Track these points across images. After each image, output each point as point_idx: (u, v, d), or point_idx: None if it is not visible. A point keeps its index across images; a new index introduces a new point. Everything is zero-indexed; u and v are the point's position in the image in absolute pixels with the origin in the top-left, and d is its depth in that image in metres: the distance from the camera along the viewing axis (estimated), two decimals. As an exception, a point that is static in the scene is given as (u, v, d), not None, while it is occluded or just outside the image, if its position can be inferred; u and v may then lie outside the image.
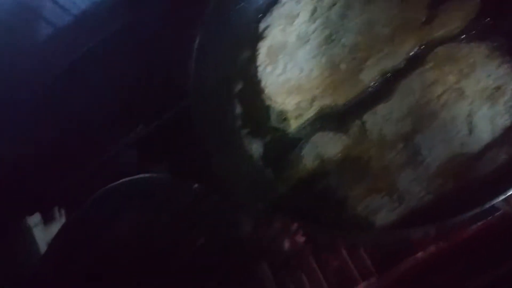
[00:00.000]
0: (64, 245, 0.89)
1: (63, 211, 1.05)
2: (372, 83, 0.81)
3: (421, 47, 0.80)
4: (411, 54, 0.80)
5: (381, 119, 0.78)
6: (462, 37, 0.77)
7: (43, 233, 1.02)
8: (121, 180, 0.88)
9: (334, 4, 0.91)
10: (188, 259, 0.82)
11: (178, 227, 0.85)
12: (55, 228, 1.03)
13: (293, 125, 0.86)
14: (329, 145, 0.80)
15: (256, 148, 0.86)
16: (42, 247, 1.01)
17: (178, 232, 0.85)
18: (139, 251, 0.85)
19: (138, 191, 0.88)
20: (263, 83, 0.91)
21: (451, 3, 0.81)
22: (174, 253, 0.83)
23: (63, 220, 1.04)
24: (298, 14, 0.92)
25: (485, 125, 0.70)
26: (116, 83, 1.17)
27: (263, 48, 0.94)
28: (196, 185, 0.82)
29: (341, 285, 0.82)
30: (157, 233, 0.86)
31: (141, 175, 0.88)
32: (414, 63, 0.79)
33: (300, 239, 0.96)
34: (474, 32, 0.77)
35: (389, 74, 0.80)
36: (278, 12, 0.95)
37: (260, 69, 0.93)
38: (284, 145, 0.85)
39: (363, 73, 0.82)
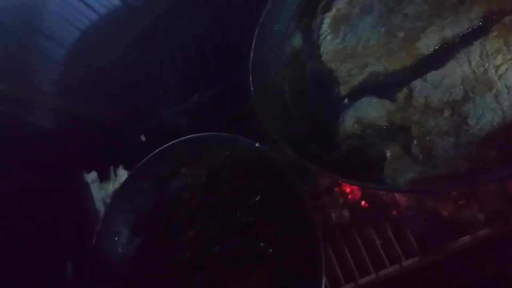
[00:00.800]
0: (129, 193, 0.94)
1: (118, 171, 1.17)
2: (428, 51, 0.79)
3: (487, 16, 0.75)
4: (475, 23, 0.76)
5: (430, 86, 0.74)
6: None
7: (98, 189, 1.15)
8: (188, 136, 0.93)
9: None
10: (245, 215, 0.85)
11: (239, 183, 0.89)
12: (110, 186, 1.15)
13: (342, 90, 0.88)
14: (372, 110, 0.80)
15: (305, 110, 0.90)
16: (98, 202, 1.13)
17: (239, 188, 0.88)
18: (199, 204, 0.91)
19: (204, 147, 0.92)
20: (321, 50, 0.96)
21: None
22: (233, 208, 0.87)
23: (118, 179, 1.15)
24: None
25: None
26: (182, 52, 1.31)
27: (327, 19, 0.98)
28: (257, 144, 0.85)
29: (383, 261, 0.83)
30: (219, 188, 0.90)
31: (207, 133, 0.92)
32: (477, 32, 0.75)
33: (346, 213, 0.96)
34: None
35: (449, 43, 0.77)
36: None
37: (321, 38, 0.97)
38: (331, 109, 0.87)
39: (421, 41, 0.80)
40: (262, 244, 0.81)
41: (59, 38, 1.21)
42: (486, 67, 0.71)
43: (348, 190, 0.98)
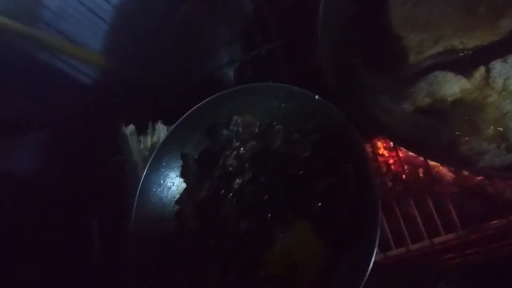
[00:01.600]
0: (178, 139, 0.91)
1: (157, 125, 1.15)
2: (510, 31, 0.80)
3: None
4: None
5: (510, 68, 0.77)
6: None
7: (137, 142, 1.13)
8: (241, 86, 0.90)
9: None
10: (297, 167, 0.86)
11: (294, 136, 0.89)
12: (148, 139, 1.13)
13: (411, 59, 0.89)
14: (445, 85, 0.82)
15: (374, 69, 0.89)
16: (136, 154, 1.11)
17: (293, 140, 0.89)
18: (249, 153, 0.90)
19: (258, 97, 0.90)
20: (390, 13, 0.94)
21: None
22: (285, 159, 0.87)
23: (157, 133, 1.13)
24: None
25: None
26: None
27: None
28: (317, 96, 0.84)
29: (422, 233, 0.88)
30: (272, 139, 0.90)
31: (262, 83, 0.90)
32: None
33: (388, 184, 1.02)
34: None
35: None
36: None
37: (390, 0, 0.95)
38: (397, 79, 0.88)
39: (504, 20, 0.80)
40: (311, 197, 0.83)
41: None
42: None
43: (391, 160, 1.04)
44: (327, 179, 0.84)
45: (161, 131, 1.21)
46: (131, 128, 1.18)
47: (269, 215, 0.84)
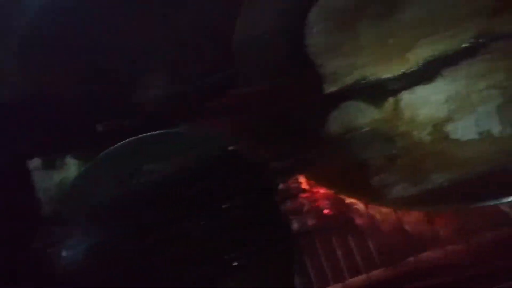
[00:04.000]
0: (83, 188, 0.89)
1: (66, 159, 1.05)
2: (417, 63, 0.83)
3: (480, 38, 0.80)
4: (467, 42, 0.80)
5: (417, 101, 0.80)
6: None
7: (42, 178, 1.03)
8: (154, 132, 0.88)
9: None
10: (214, 218, 0.84)
11: (208, 184, 0.85)
12: (56, 175, 1.02)
13: (327, 88, 0.91)
14: (357, 115, 0.83)
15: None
16: (41, 191, 1.00)
17: (208, 189, 0.85)
18: (162, 204, 0.86)
19: (171, 144, 0.88)
20: (307, 41, 0.97)
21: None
22: (201, 210, 0.84)
23: (66, 168, 1.03)
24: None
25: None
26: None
27: (316, 7, 0.98)
28: (231, 147, 0.83)
29: (342, 273, 0.87)
30: (186, 188, 0.86)
31: (175, 129, 0.89)
32: (467, 52, 0.80)
33: (311, 221, 1.03)
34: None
35: (438, 58, 0.82)
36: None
37: (307, 27, 0.98)
38: (315, 106, 0.88)
39: (412, 52, 0.83)
40: (230, 249, 0.81)
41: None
42: (470, 89, 0.77)
43: (313, 197, 1.06)
44: (247, 229, 0.82)
45: (72, 165, 1.14)
46: (36, 161, 1.11)
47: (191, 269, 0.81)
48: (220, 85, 1.06)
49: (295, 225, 1.00)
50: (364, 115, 0.83)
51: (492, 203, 0.64)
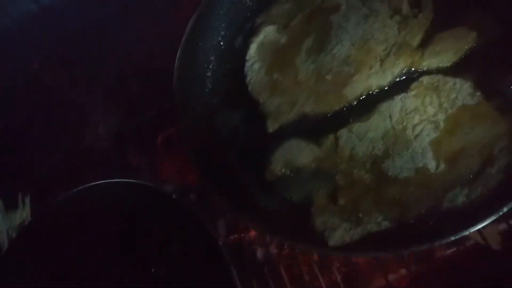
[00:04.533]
0: (28, 242, 0.87)
1: (26, 199, 1.07)
2: (354, 100, 0.83)
3: (409, 73, 0.82)
4: (398, 77, 0.82)
5: (355, 138, 0.79)
6: (450, 70, 0.80)
7: (3, 219, 1.03)
8: (98, 182, 0.88)
9: (333, 12, 0.96)
10: (159, 267, 0.83)
11: (151, 233, 0.85)
12: (16, 216, 1.04)
13: (270, 126, 0.89)
14: (299, 154, 0.82)
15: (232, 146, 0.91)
16: (2, 233, 1.01)
17: (152, 239, 0.85)
18: (108, 255, 0.85)
19: (114, 195, 0.87)
20: (248, 79, 0.95)
21: (448, 33, 0.83)
22: (146, 260, 0.84)
23: (26, 208, 1.05)
24: (295, 16, 0.97)
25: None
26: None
27: (254, 44, 0.97)
28: (174, 196, 0.83)
29: None
30: (130, 239, 0.85)
31: (119, 179, 0.87)
32: (399, 87, 0.81)
33: (274, 250, 1.03)
34: (462, 67, 0.79)
35: (373, 93, 0.83)
36: (276, 10, 1.00)
37: (247, 64, 0.97)
38: (258, 147, 0.89)
39: (348, 88, 0.83)
40: None
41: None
42: (404, 124, 0.78)
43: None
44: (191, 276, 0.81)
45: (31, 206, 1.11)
46: None
47: None
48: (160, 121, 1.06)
49: (259, 255, 0.99)
50: (307, 154, 0.83)
51: (429, 245, 0.64)
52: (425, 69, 0.82)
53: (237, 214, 0.78)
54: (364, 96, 0.84)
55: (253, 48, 0.96)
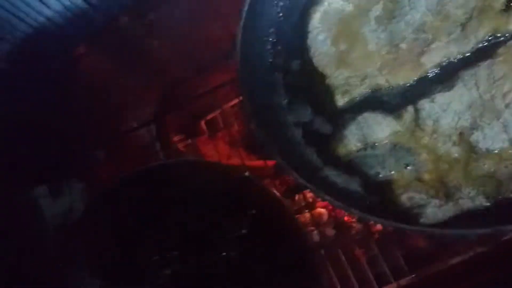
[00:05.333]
0: (91, 221, 0.85)
1: (72, 184, 1.07)
2: (433, 69, 0.79)
3: (494, 38, 0.77)
4: (481, 43, 0.77)
5: (439, 109, 0.75)
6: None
7: (50, 205, 1.03)
8: (166, 161, 0.89)
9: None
10: (228, 249, 0.82)
11: (220, 213, 0.85)
12: (63, 201, 1.04)
13: (339, 101, 0.85)
14: (376, 128, 0.78)
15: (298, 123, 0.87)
16: (48, 218, 1.02)
17: (221, 219, 0.85)
18: (173, 237, 0.85)
19: (180, 173, 0.86)
20: (312, 52, 0.91)
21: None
22: (215, 241, 0.83)
23: (73, 193, 1.05)
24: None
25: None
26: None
27: (318, 13, 0.92)
28: (247, 173, 0.81)
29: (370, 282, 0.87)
30: (198, 219, 0.84)
31: (183, 158, 0.87)
32: (483, 53, 0.76)
33: (330, 232, 1.01)
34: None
35: (454, 61, 0.78)
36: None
37: (310, 35, 0.92)
38: (327, 122, 0.85)
39: (426, 56, 0.78)
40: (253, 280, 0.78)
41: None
42: (493, 93, 0.73)
43: (331, 207, 1.01)
44: (267, 257, 0.80)
45: (77, 190, 1.10)
46: (42, 189, 1.07)
47: None
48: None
49: (315, 237, 0.98)
50: (384, 128, 0.79)
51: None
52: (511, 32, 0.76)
53: (317, 193, 0.74)
54: (444, 64, 0.79)
55: (316, 18, 0.90)
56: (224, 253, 0.82)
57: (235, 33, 0.84)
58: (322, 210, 1.05)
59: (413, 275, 0.86)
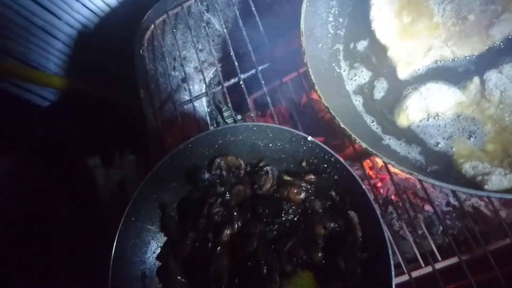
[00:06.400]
0: (156, 185, 0.85)
1: (124, 156, 1.09)
2: (502, 40, 0.78)
3: None
4: None
5: (506, 80, 0.75)
6: None
7: (102, 175, 1.07)
8: (226, 126, 0.87)
9: None
10: (291, 213, 0.81)
11: (285, 178, 0.84)
12: (116, 172, 1.06)
13: (402, 73, 0.86)
14: (440, 99, 0.79)
15: (358, 92, 0.89)
16: (102, 189, 1.05)
17: (285, 183, 0.84)
18: (237, 199, 0.84)
19: (243, 138, 0.85)
20: (374, 24, 0.92)
21: None
22: (277, 205, 0.81)
23: (125, 164, 1.07)
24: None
25: None
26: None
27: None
28: (310, 137, 0.79)
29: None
30: (261, 183, 0.84)
31: (246, 123, 0.83)
32: None
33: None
34: None
35: None
36: None
37: (374, 8, 0.93)
38: (389, 93, 0.86)
39: (494, 28, 0.78)
40: (312, 246, 0.77)
41: (65, 16, 1.07)
42: None
43: (379, 184, 1.02)
44: (327, 224, 0.77)
45: (130, 162, 1.14)
46: (96, 160, 1.12)
47: (265, 271, 0.75)
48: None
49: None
50: (448, 99, 0.80)
51: None
52: None
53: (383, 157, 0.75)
54: (513, 36, 0.78)
55: (379, -10, 0.91)
56: (283, 215, 0.83)
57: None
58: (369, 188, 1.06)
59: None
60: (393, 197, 1.04)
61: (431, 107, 0.80)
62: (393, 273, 0.65)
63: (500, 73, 0.76)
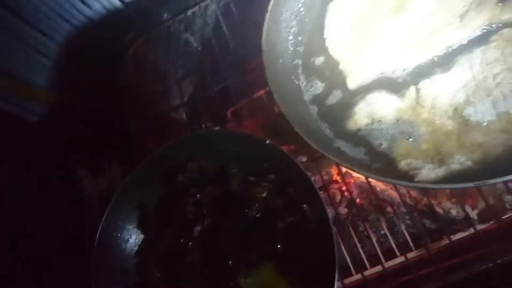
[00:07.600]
0: (134, 188, 0.95)
1: (112, 166, 1.18)
2: (435, 54, 0.90)
3: (489, 26, 0.87)
4: (478, 31, 0.87)
5: (437, 88, 0.86)
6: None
7: (91, 184, 1.15)
8: (196, 132, 0.99)
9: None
10: (255, 209, 0.91)
11: (249, 178, 0.94)
12: (103, 180, 1.15)
13: (351, 83, 0.97)
14: (381, 105, 0.91)
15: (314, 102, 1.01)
16: (90, 197, 1.13)
17: (249, 182, 0.94)
18: (207, 198, 0.94)
19: (212, 143, 0.95)
20: (327, 42, 1.03)
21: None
22: (243, 203, 0.92)
23: (112, 174, 1.15)
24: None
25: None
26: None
27: (332, 10, 1.04)
28: (268, 141, 0.89)
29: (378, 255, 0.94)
30: (228, 183, 0.94)
31: (215, 129, 0.96)
32: (479, 40, 0.86)
33: (343, 210, 1.11)
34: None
35: (453, 47, 0.89)
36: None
37: (327, 28, 1.03)
38: (340, 101, 0.98)
39: (428, 43, 0.91)
40: (273, 238, 0.88)
41: (51, 32, 1.19)
42: (485, 74, 0.84)
43: (344, 187, 1.10)
44: (286, 218, 0.89)
45: (117, 171, 1.24)
46: (85, 169, 1.21)
47: (230, 262, 0.88)
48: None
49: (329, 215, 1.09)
50: (389, 105, 0.92)
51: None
52: (505, 22, 0.88)
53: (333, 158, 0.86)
54: (445, 50, 0.91)
55: (331, 12, 1.04)
56: (248, 212, 0.93)
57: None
58: (336, 191, 1.16)
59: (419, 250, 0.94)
60: (358, 200, 1.14)
61: (375, 113, 0.92)
62: (337, 262, 0.76)
63: (432, 82, 0.89)
